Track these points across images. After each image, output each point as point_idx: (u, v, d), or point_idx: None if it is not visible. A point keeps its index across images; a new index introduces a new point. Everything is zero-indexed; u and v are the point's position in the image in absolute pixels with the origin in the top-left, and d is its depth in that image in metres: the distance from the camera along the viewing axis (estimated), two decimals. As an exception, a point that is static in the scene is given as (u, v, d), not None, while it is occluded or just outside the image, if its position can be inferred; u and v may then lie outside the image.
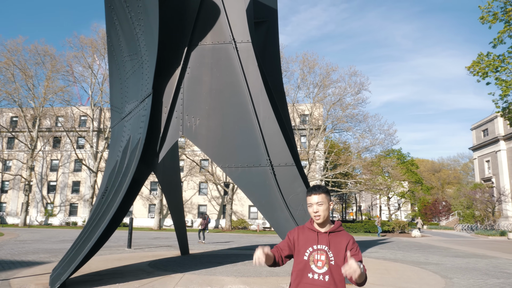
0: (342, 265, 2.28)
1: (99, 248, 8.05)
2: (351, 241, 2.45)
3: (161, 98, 9.69)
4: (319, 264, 2.38)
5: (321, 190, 2.48)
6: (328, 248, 2.40)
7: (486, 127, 50.88)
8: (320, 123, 41.16)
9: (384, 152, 48.00)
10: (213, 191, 48.19)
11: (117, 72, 11.70)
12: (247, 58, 9.70)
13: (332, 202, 2.55)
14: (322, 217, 2.44)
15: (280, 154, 9.09)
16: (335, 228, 2.50)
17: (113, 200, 8.43)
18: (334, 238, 2.44)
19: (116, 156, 10.41)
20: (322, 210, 2.43)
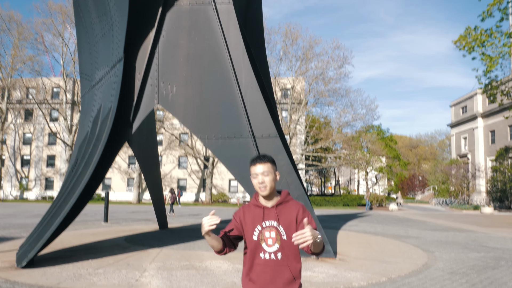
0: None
1: (69, 223, 7.51)
2: (301, 209, 2.23)
3: (134, 63, 8.95)
4: (269, 242, 2.20)
5: (266, 159, 2.28)
6: (277, 223, 2.20)
7: (465, 104, 51.72)
8: (302, 97, 40.76)
9: (364, 127, 48.25)
10: (193, 165, 47.68)
11: (85, 35, 10.79)
12: (228, 21, 9.01)
13: (278, 172, 2.34)
14: (268, 188, 2.21)
15: (263, 125, 8.63)
16: (283, 198, 2.27)
17: (83, 173, 7.83)
18: (282, 211, 2.22)
19: (87, 127, 9.72)
20: (268, 180, 2.21)
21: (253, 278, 2.19)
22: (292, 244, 2.13)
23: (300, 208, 2.22)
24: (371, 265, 7.18)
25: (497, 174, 37.75)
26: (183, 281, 5.71)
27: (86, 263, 6.95)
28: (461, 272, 6.72)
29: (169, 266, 6.75)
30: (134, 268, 6.57)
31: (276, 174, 2.29)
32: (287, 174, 8.39)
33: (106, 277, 5.91)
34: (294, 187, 8.31)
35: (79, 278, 5.86)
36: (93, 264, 6.91)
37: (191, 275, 6.11)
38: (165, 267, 6.67)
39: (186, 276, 6.07)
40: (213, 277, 6.00)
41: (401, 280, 6.08)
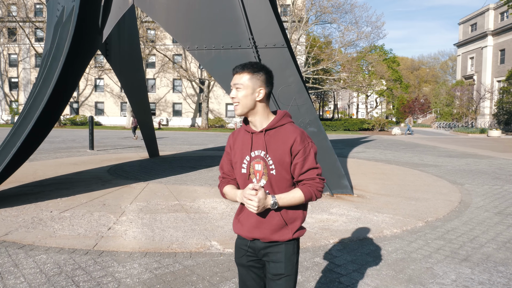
0: (284, 174, 1.70)
1: (27, 155, 6.10)
2: (298, 138, 1.69)
3: None
4: (258, 176, 1.73)
5: (244, 68, 1.71)
6: (265, 152, 1.71)
7: (475, 21, 48.16)
8: (303, 15, 37.30)
9: (365, 48, 45.36)
10: (188, 89, 45.63)
11: None
12: None
13: (265, 88, 1.71)
14: (240, 107, 1.71)
15: (267, 32, 6.81)
16: (274, 122, 1.74)
17: (42, 93, 6.21)
18: (272, 138, 1.72)
19: (49, 37, 7.83)
20: (241, 96, 1.70)
21: (242, 219, 1.82)
22: (283, 181, 1.72)
23: (297, 137, 1.69)
24: (398, 204, 5.98)
25: (506, 96, 36.13)
26: (169, 230, 4.46)
27: (53, 203, 5.69)
28: (510, 212, 5.54)
29: (154, 207, 5.50)
30: (110, 210, 5.32)
31: (259, 91, 1.71)
32: (297, 93, 6.81)
33: (71, 223, 4.66)
34: (305, 110, 6.79)
35: (37, 225, 4.61)
36: (61, 204, 5.65)
37: (179, 221, 4.86)
38: (148, 209, 5.42)
39: (173, 221, 4.82)
40: (206, 223, 4.76)
41: (442, 225, 4.88)
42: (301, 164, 1.67)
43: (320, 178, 1.70)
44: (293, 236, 1.73)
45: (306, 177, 1.69)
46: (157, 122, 40.76)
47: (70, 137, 21.69)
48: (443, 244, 4.17)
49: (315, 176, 1.68)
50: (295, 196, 1.67)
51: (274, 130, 1.73)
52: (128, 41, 10.94)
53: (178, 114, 46.17)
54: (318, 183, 1.69)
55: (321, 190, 1.70)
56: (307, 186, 1.68)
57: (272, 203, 1.65)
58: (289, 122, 1.76)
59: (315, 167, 1.70)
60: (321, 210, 5.51)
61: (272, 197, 1.66)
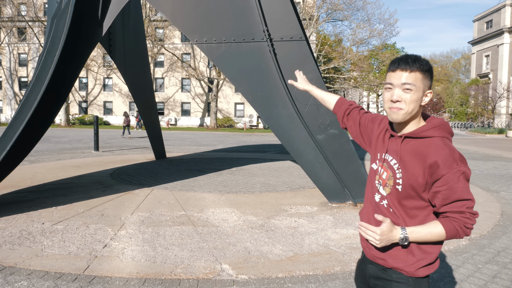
0: (412, 195, 1.38)
1: (18, 159, 5.56)
2: (444, 159, 1.31)
3: None
4: (381, 184, 1.47)
5: (417, 64, 1.35)
6: (397, 163, 1.41)
7: (491, 18, 46.85)
8: (314, 12, 36.54)
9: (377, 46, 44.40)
10: (197, 88, 45.16)
11: None
12: None
13: (431, 91, 1.40)
14: (403, 114, 1.37)
15: (283, 23, 6.17)
16: (420, 131, 1.39)
17: (34, 92, 5.67)
18: (411, 149, 1.38)
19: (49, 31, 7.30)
20: (408, 100, 1.35)
21: (363, 218, 1.56)
22: (409, 200, 1.39)
23: (442, 156, 1.30)
24: (432, 215, 5.29)
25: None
26: (173, 248, 3.86)
27: (46, 213, 5.14)
28: None
29: (157, 219, 4.91)
30: (108, 222, 4.73)
31: (427, 94, 1.38)
32: (316, 92, 6.14)
33: (62, 239, 4.09)
34: (326, 109, 6.12)
35: (24, 240, 4.04)
36: (56, 214, 5.09)
37: (185, 236, 4.25)
38: (151, 221, 4.83)
39: (178, 237, 4.21)
40: (216, 240, 4.14)
41: (489, 243, 4.20)
42: (445, 194, 1.33)
43: (470, 213, 1.34)
44: (416, 271, 1.41)
45: (451, 209, 1.34)
46: (166, 121, 40.37)
47: (77, 137, 21.30)
48: (498, 270, 3.49)
49: (464, 209, 1.33)
50: (432, 231, 1.37)
51: (417, 140, 1.40)
52: (133, 38, 10.40)
53: (186, 113, 45.76)
54: (468, 219, 1.34)
55: (470, 227, 1.35)
56: (452, 220, 1.35)
57: (401, 238, 1.37)
58: (442, 137, 1.38)
59: (466, 198, 1.33)
60: (346, 223, 4.86)
61: (402, 230, 1.37)
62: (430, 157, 1.33)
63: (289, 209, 5.52)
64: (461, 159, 1.34)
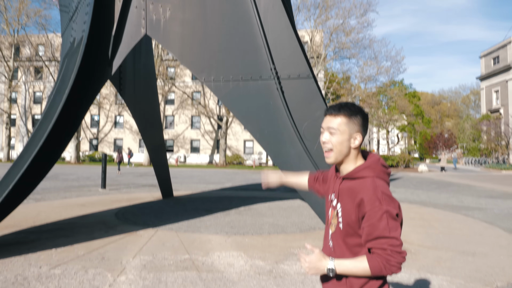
0: (351, 232, 1.48)
1: (21, 197, 5.44)
2: (368, 196, 1.42)
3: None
4: (328, 222, 1.61)
5: (341, 110, 1.52)
6: (337, 202, 1.55)
7: (497, 54, 47.32)
8: (321, 51, 37.35)
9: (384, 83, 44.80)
10: (206, 125, 45.62)
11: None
12: None
13: (359, 134, 1.52)
14: (333, 155, 1.52)
15: (290, 61, 6.16)
16: (355, 172, 1.51)
17: (41, 129, 5.64)
18: (346, 189, 1.52)
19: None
20: (335, 142, 1.51)
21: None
22: (351, 238, 1.49)
23: (364, 197, 1.42)
24: (453, 261, 4.94)
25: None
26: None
27: (45, 255, 4.93)
28: None
29: (160, 263, 4.65)
30: (108, 266, 4.49)
31: (355, 136, 1.51)
32: (325, 129, 6.01)
33: (58, 285, 3.85)
34: (335, 147, 5.97)
35: (19, 286, 3.82)
36: (55, 257, 4.87)
37: (188, 283, 3.98)
38: (153, 265, 4.57)
39: (180, 284, 3.95)
40: (221, 287, 3.86)
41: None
42: (368, 231, 1.40)
43: (394, 251, 1.37)
44: None
45: (374, 246, 1.40)
46: (175, 159, 40.49)
47: (85, 174, 21.32)
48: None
49: (386, 247, 1.37)
50: (358, 265, 1.41)
51: (352, 181, 1.51)
52: (143, 77, 10.57)
53: (195, 151, 45.96)
54: (390, 256, 1.37)
55: (395, 265, 1.37)
56: (376, 256, 1.39)
57: (328, 268, 1.44)
58: (372, 177, 1.47)
59: (389, 236, 1.37)
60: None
61: (330, 261, 1.44)
62: (358, 196, 1.44)
63: (296, 251, 5.22)
64: (385, 198, 1.41)
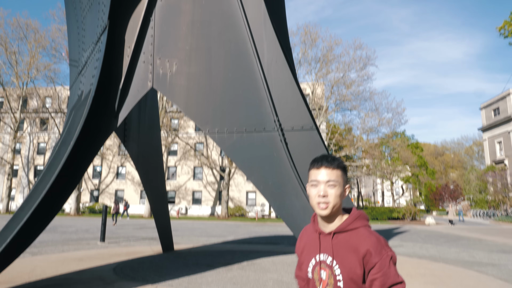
0: (355, 287, 1.45)
1: (19, 251, 5.26)
2: (374, 247, 1.44)
3: (123, 34, 6.76)
4: (322, 285, 1.54)
5: (336, 163, 1.58)
6: (332, 259, 1.52)
7: (497, 105, 48.17)
8: (323, 103, 38.22)
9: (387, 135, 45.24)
10: (209, 176, 45.48)
11: (73, 12, 8.76)
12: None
13: (348, 186, 1.62)
14: (331, 207, 1.53)
15: (293, 114, 6.25)
16: (346, 224, 1.54)
17: (44, 181, 5.61)
18: (342, 243, 1.52)
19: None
20: (333, 195, 1.53)
21: None
22: None
23: (372, 245, 1.44)
24: (471, 322, 4.61)
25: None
26: None
27: (37, 315, 4.64)
28: None
29: (157, 324, 4.36)
30: (102, 328, 4.21)
31: (346, 189, 1.59)
32: (330, 181, 5.95)
33: None
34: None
35: None
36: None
37: None
38: (151, 326, 4.28)
39: None
40: None
41: None
42: (382, 280, 1.41)
43: None
44: None
45: None
46: (176, 211, 39.91)
47: (85, 227, 20.89)
48: None
49: None
50: None
51: (345, 234, 1.53)
52: (148, 128, 10.72)
53: (197, 202, 45.41)
54: None
55: None
56: None
57: None
58: (364, 226, 1.54)
59: (399, 281, 1.42)
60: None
61: None
62: (361, 247, 1.44)
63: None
64: (386, 244, 1.48)
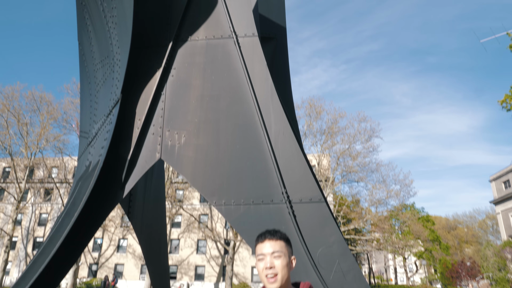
0: None
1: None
2: None
3: (134, 107, 6.99)
4: None
5: (279, 235, 1.74)
6: None
7: (507, 178, 47.60)
8: (329, 174, 38.16)
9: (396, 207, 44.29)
10: (213, 250, 43.91)
11: (87, 86, 9.20)
12: (252, 56, 7.13)
13: (294, 258, 1.71)
14: (279, 279, 1.57)
15: (301, 185, 6.14)
16: None
17: (43, 254, 5.39)
18: None
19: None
20: (280, 266, 1.60)
21: None
22: None
23: None
24: None
25: None
26: None
27: None
28: None
29: None
30: None
31: (292, 260, 1.69)
32: (341, 256, 5.65)
33: None
34: (353, 277, 5.49)
35: None
36: None
37: None
38: None
39: None
40: None
41: None
42: None
43: None
44: None
45: None
46: (177, 287, 37.87)
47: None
48: None
49: None
50: None
51: None
52: (153, 200, 10.59)
53: (200, 278, 43.26)
54: None
55: None
56: None
57: None
58: None
59: None
60: None
61: None
62: None
63: None
64: None
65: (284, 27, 11.21)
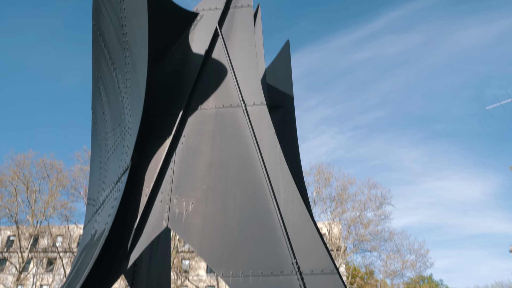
0: None
1: None
2: None
3: (143, 174, 7.01)
4: None
5: None
6: None
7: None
8: (340, 243, 36.74)
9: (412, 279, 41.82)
10: (219, 325, 41.04)
11: (98, 154, 9.37)
12: (260, 124, 7.29)
13: None
14: None
15: (312, 256, 5.87)
16: None
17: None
18: None
19: (76, 263, 7.31)
20: None
21: None
22: None
23: None
24: None
25: None
26: None
27: None
28: None
29: None
30: None
31: None
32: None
33: None
34: None
35: None
36: None
37: None
38: None
39: None
40: None
41: None
42: None
43: None
44: None
45: None
46: None
47: None
48: None
49: None
50: None
51: None
52: (158, 270, 10.17)
53: None
54: None
55: None
56: None
57: None
58: None
59: None
60: None
61: None
62: None
63: None
64: None
65: (291, 95, 11.64)
